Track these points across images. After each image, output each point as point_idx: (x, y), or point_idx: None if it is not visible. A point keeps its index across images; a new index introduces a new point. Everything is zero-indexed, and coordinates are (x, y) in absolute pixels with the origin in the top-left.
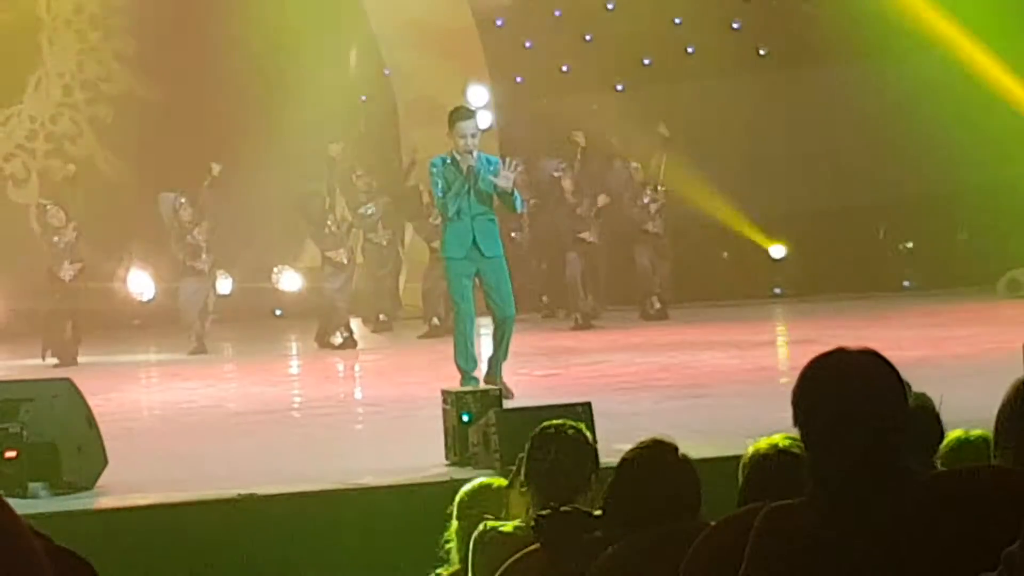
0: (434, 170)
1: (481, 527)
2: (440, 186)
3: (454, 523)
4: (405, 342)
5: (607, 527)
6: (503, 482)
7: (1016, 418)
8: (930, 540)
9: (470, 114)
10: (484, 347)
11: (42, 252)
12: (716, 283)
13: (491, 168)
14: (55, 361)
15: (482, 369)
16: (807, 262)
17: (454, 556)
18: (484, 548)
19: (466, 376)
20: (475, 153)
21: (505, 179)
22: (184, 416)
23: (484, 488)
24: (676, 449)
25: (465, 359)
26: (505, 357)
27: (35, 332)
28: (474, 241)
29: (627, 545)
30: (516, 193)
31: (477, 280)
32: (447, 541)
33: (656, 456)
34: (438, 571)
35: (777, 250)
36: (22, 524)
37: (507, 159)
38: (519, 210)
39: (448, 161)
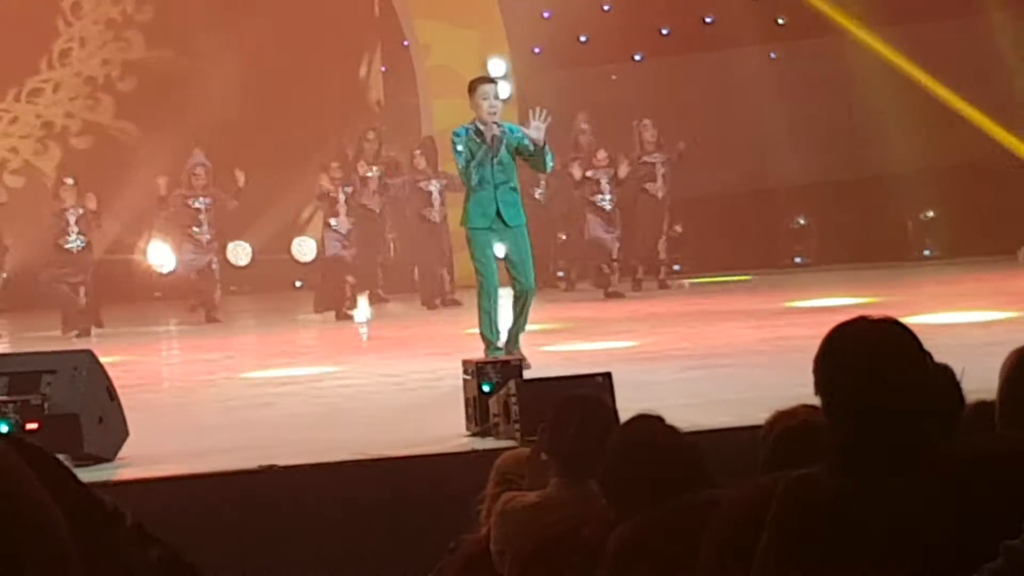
0: (457, 139)
1: (504, 498)
2: (464, 155)
3: (490, 487)
4: (422, 313)
5: (613, 507)
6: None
7: (1021, 386)
8: (951, 509)
9: (491, 80)
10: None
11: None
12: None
13: (514, 135)
14: (75, 333)
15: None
16: (826, 231)
17: (483, 518)
18: (506, 519)
19: (491, 347)
20: (498, 120)
21: (537, 129)
22: (205, 387)
23: (524, 457)
24: (662, 420)
25: (490, 329)
26: (523, 328)
27: (48, 304)
28: (497, 211)
29: (639, 522)
30: (547, 149)
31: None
32: (479, 503)
33: (643, 431)
34: (463, 537)
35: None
36: (28, 490)
37: (535, 109)
38: (549, 168)
39: (471, 131)
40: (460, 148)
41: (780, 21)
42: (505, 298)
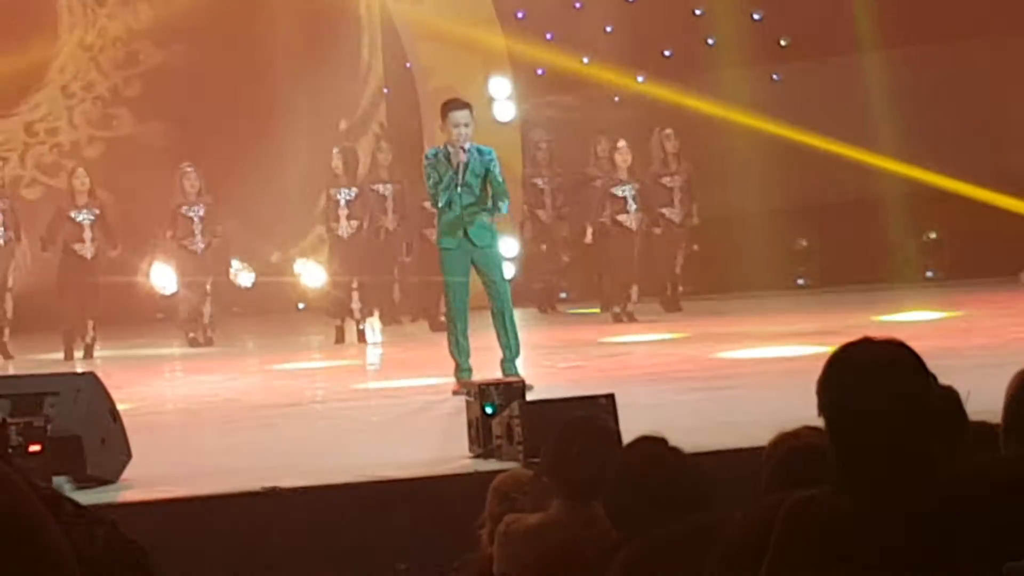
0: (426, 162)
1: (507, 520)
2: (432, 178)
3: (491, 508)
4: (428, 335)
5: (617, 528)
6: None
7: None
8: (954, 530)
9: (463, 105)
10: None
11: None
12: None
13: (483, 159)
14: (80, 355)
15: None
16: (828, 253)
17: (484, 540)
18: (510, 540)
19: (460, 368)
20: (467, 145)
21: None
22: (207, 410)
23: (523, 476)
24: (666, 442)
25: (458, 351)
26: (517, 352)
27: (53, 322)
28: (465, 232)
29: (643, 543)
30: (502, 204)
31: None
32: (480, 525)
33: (647, 452)
34: (467, 558)
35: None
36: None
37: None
38: (503, 213)
39: (440, 154)
40: (429, 171)
41: (783, 43)
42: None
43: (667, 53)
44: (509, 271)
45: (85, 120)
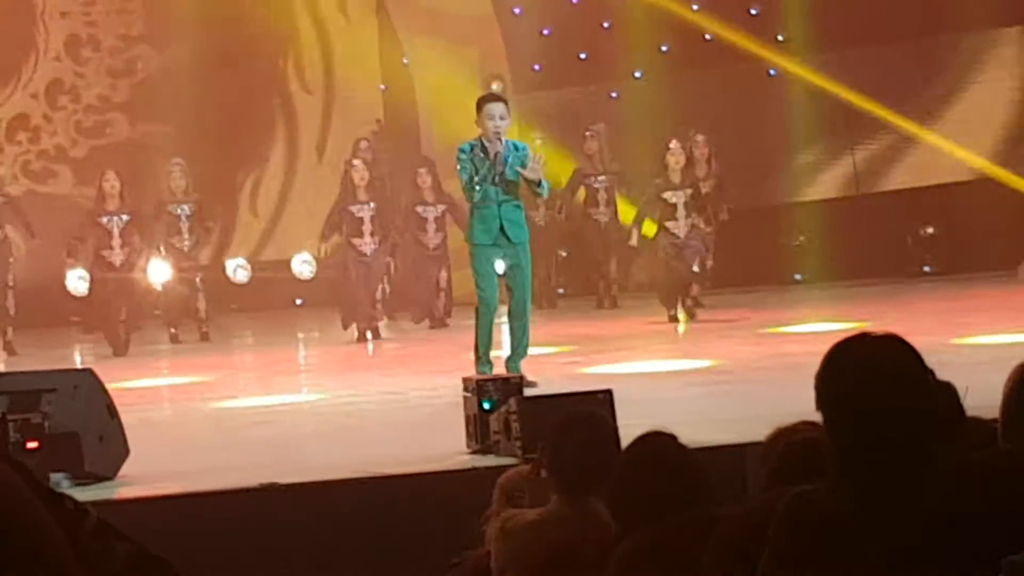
0: (462, 156)
1: (505, 515)
2: (467, 171)
3: (496, 506)
4: (423, 331)
5: (619, 522)
6: None
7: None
8: (952, 525)
9: (498, 98)
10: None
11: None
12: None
13: (518, 154)
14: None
15: (501, 358)
16: (825, 248)
17: (488, 537)
18: (507, 536)
19: (481, 361)
20: (503, 138)
21: (533, 171)
22: (205, 405)
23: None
24: (675, 438)
25: (484, 345)
26: (525, 353)
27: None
28: (501, 228)
29: (642, 537)
30: (544, 182)
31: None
32: (484, 521)
33: (655, 447)
34: (466, 554)
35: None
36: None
37: (535, 155)
38: (545, 196)
39: (476, 147)
40: (465, 164)
41: (780, 38)
42: (504, 316)
43: (664, 48)
44: None
45: (106, 71)
